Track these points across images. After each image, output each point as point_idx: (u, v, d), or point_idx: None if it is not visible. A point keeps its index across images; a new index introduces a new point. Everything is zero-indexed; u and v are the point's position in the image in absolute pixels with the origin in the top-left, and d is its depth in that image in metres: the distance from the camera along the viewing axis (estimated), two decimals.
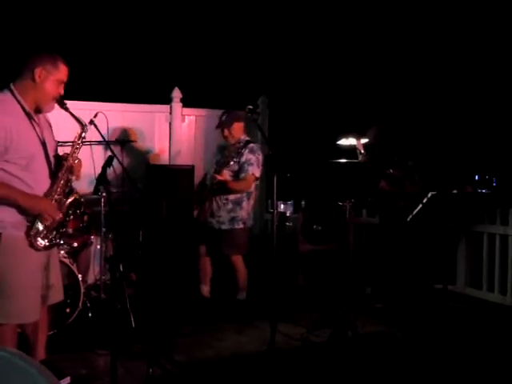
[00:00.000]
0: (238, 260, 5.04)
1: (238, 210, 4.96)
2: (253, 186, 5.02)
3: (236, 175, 4.92)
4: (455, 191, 4.48)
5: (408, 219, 4.12)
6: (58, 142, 3.64)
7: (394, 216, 5.39)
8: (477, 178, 8.63)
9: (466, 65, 9.06)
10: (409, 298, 5.32)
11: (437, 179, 5.66)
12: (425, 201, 4.02)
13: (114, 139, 5.58)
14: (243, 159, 4.88)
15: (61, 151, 3.36)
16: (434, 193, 4.01)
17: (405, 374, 3.82)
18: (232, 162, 4.88)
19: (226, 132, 5.01)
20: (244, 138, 5.06)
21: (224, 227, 4.98)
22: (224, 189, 4.90)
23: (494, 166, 8.93)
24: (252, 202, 5.10)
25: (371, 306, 5.38)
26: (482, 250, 5.84)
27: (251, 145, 4.98)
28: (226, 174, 4.90)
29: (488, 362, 4.02)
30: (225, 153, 5.07)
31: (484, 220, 5.81)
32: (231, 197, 4.94)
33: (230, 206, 4.95)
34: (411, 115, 8.14)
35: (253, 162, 4.88)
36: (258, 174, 4.95)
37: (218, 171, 4.93)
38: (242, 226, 4.99)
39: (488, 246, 5.79)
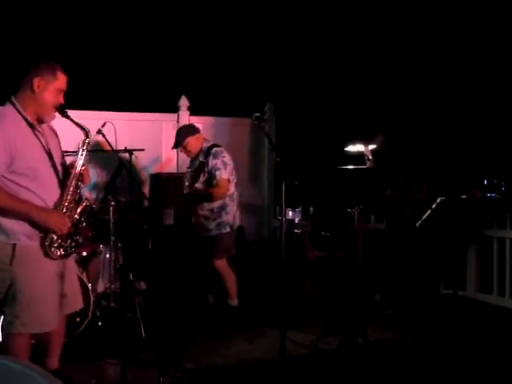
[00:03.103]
0: (222, 265, 4.99)
1: (223, 215, 4.97)
2: (231, 187, 4.99)
3: (208, 183, 4.91)
4: (464, 196, 4.45)
5: (417, 225, 4.10)
6: (66, 151, 3.66)
7: (398, 222, 5.37)
8: (486, 182, 8.59)
9: (473, 70, 9.04)
10: (418, 304, 5.29)
11: (445, 184, 5.64)
12: (434, 206, 3.99)
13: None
14: (209, 167, 4.89)
15: (68, 161, 3.37)
16: (442, 198, 3.98)
17: (415, 380, 3.80)
18: (201, 174, 4.89)
19: (183, 150, 5.05)
20: (205, 145, 5.02)
21: (211, 234, 4.98)
22: (205, 199, 4.91)
23: (502, 171, 8.89)
24: (236, 202, 5.08)
25: (381, 313, 5.35)
26: (492, 254, 5.80)
27: (213, 150, 4.95)
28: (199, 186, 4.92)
29: (499, 368, 3.98)
30: (192, 166, 5.08)
31: (494, 225, 5.77)
32: (215, 205, 4.94)
33: (215, 214, 4.97)
34: (419, 120, 8.12)
35: (219, 167, 4.87)
36: (227, 176, 4.91)
37: (192, 186, 4.94)
38: (228, 229, 5.00)
39: (498, 251, 5.75)
